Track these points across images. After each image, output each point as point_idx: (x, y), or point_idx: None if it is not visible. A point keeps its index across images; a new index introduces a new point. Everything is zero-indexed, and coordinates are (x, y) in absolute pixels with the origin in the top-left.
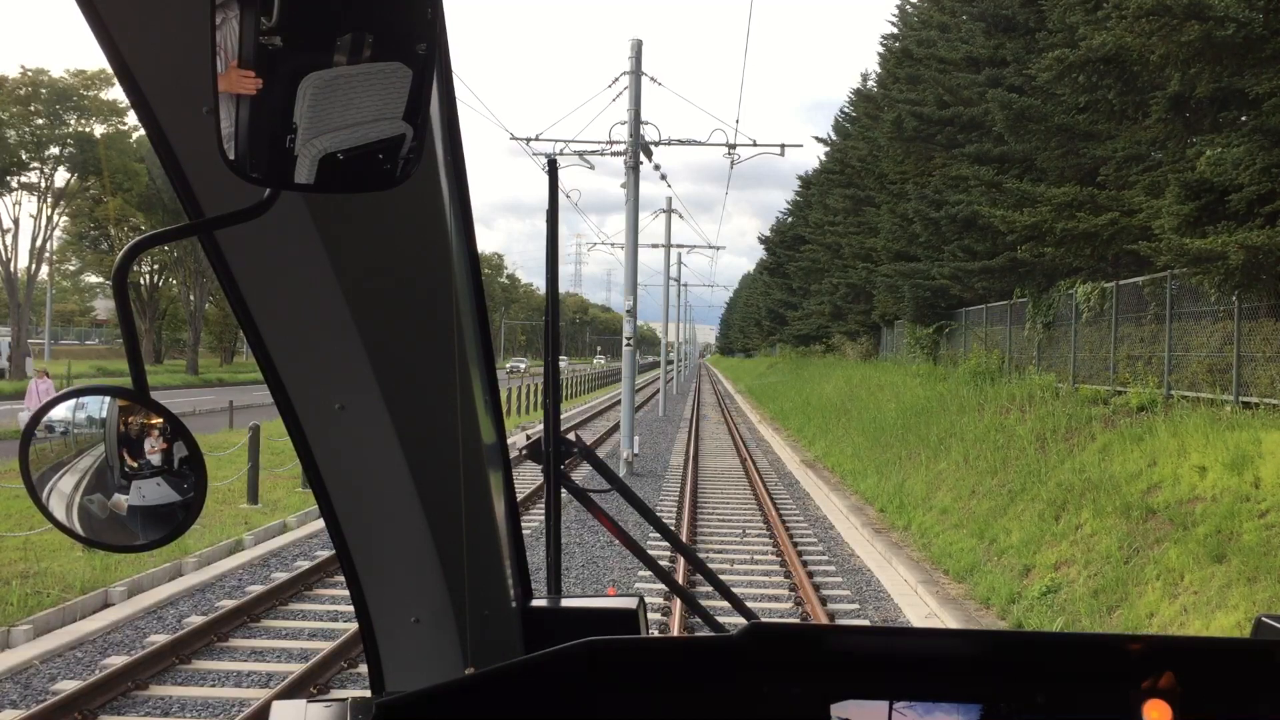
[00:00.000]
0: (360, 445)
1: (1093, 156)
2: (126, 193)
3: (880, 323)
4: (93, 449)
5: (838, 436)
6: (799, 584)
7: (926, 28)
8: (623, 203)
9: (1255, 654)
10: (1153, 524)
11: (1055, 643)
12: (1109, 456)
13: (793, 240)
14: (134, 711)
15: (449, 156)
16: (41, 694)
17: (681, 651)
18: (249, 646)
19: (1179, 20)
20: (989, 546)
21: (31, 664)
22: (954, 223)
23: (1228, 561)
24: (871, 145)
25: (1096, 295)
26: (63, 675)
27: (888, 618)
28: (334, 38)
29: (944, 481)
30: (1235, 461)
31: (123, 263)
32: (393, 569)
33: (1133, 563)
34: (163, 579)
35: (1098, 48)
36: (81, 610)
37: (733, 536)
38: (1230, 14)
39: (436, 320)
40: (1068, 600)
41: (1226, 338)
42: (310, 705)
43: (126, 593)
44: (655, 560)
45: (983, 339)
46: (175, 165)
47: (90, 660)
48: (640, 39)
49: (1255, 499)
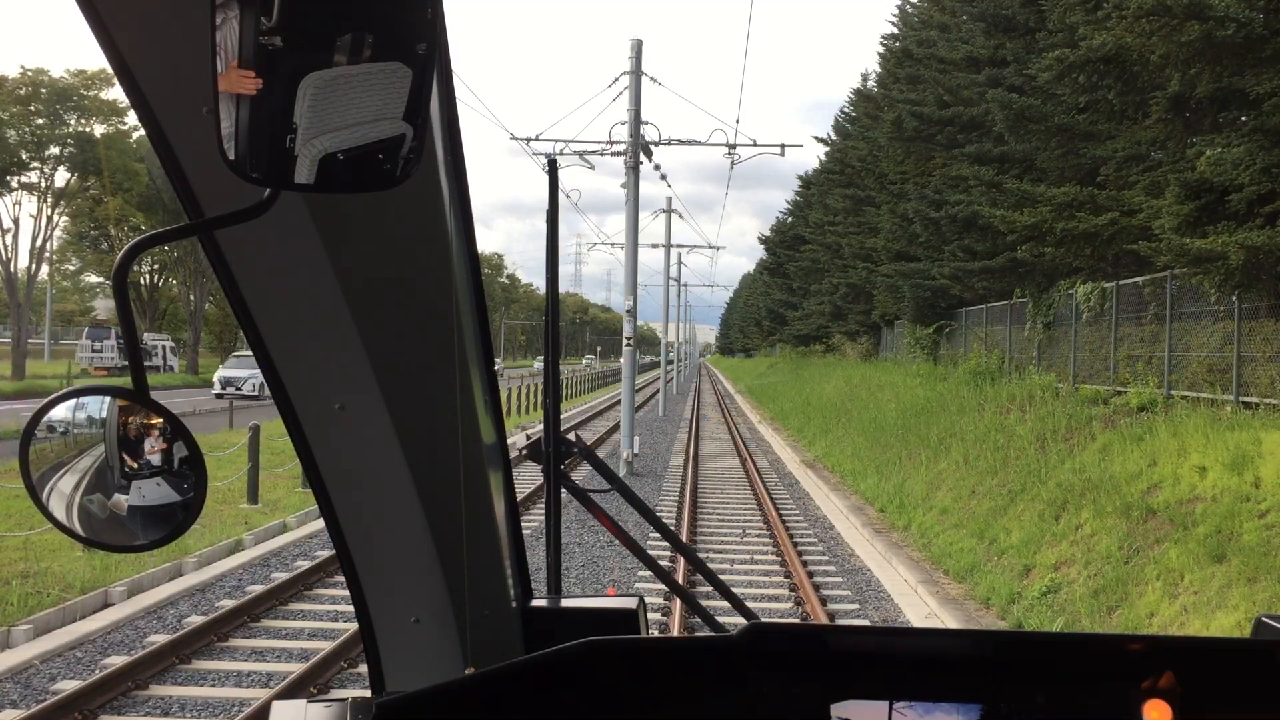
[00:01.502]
0: (360, 445)
1: (1093, 156)
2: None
3: (880, 323)
4: (93, 449)
5: (838, 437)
6: (799, 584)
7: (926, 28)
8: (622, 202)
9: (1255, 654)
10: (1153, 524)
11: (1055, 643)
12: (1109, 456)
13: (793, 240)
14: (134, 711)
15: (449, 156)
16: (42, 694)
17: (681, 651)
18: (249, 646)
19: (1179, 20)
20: (989, 546)
21: (32, 664)
22: (954, 223)
23: (1228, 561)
24: (871, 145)
25: (1096, 295)
26: (63, 675)
27: (888, 618)
28: (334, 38)
29: (944, 481)
30: (1235, 461)
31: (123, 263)
32: (393, 569)
33: (1133, 563)
34: (163, 579)
35: (1098, 48)
36: (82, 610)
37: (733, 536)
38: (1230, 14)
39: (436, 320)
40: (1068, 600)
41: (1227, 338)
42: (310, 705)
43: (126, 593)
44: (655, 560)
45: (983, 339)
46: (175, 165)
47: (90, 660)
48: (640, 39)
49: (1255, 499)
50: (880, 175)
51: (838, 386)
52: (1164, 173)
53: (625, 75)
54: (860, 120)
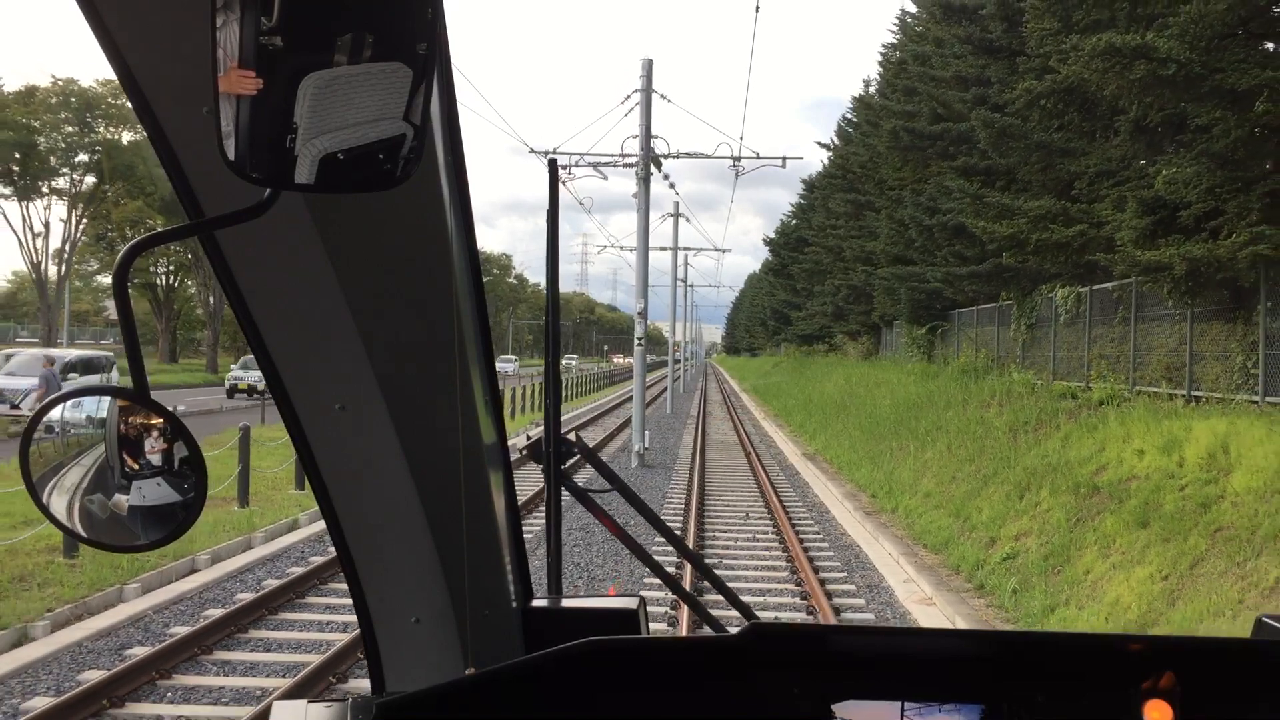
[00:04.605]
0: (360, 445)
1: (1069, 171)
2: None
3: (880, 323)
4: (93, 449)
5: (837, 431)
6: (795, 557)
7: (923, 41)
8: (628, 201)
9: (1255, 654)
10: (1096, 499)
11: (1056, 643)
12: (1068, 444)
13: (796, 242)
14: (240, 649)
15: (449, 156)
16: (160, 636)
17: (682, 651)
18: (321, 603)
19: (1128, 60)
20: (963, 523)
21: (145, 614)
22: (945, 230)
23: (1150, 527)
24: (871, 152)
25: (1073, 299)
26: (174, 622)
27: (871, 583)
28: (334, 38)
29: (929, 469)
30: (1167, 445)
31: (123, 263)
32: (393, 569)
33: (1076, 531)
34: (237, 550)
35: (1061, 80)
36: (176, 573)
37: (737, 519)
38: (1172, 55)
39: (437, 320)
40: (1022, 564)
41: (1182, 339)
42: (311, 705)
43: (210, 560)
44: (656, 561)
45: (973, 339)
46: (175, 165)
47: (192, 611)
48: (651, 59)
49: (1178, 476)
50: (880, 181)
51: (838, 384)
52: (1129, 189)
53: (637, 93)
54: (861, 126)
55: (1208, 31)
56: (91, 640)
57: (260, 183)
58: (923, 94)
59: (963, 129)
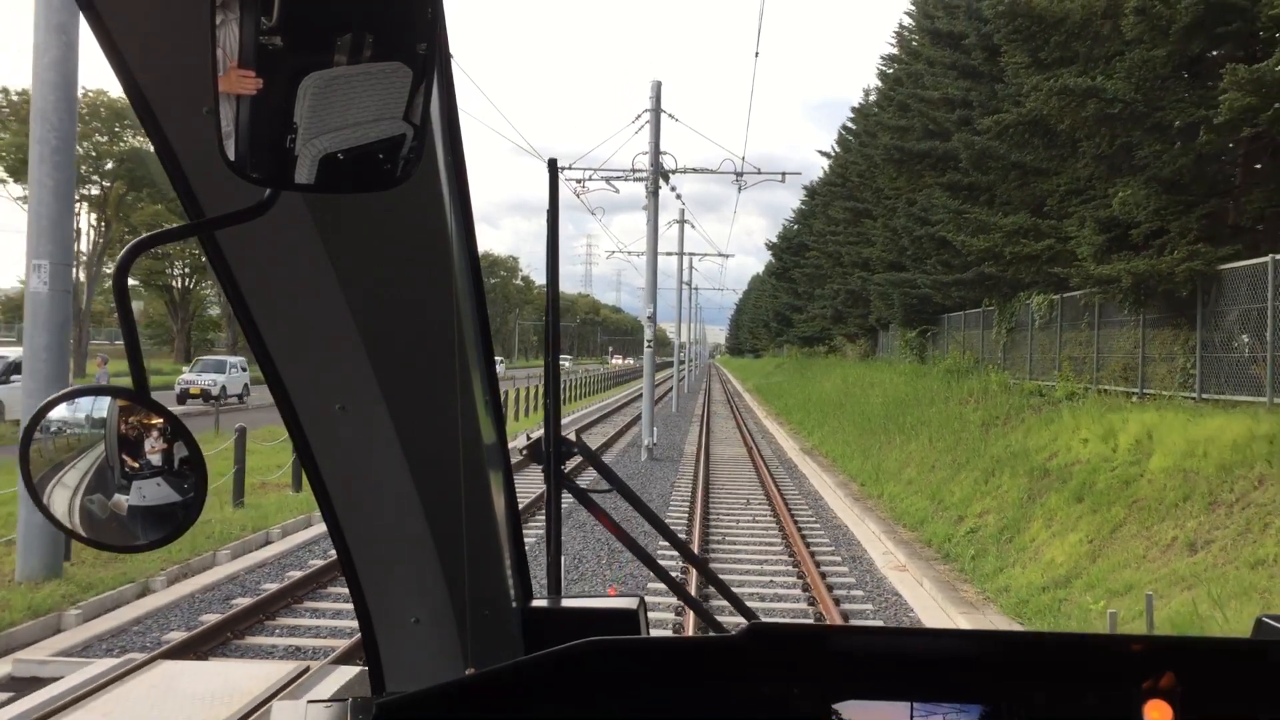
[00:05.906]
0: (360, 446)
1: (1041, 189)
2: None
3: (877, 326)
4: (93, 449)
5: (833, 428)
6: (789, 535)
7: (916, 59)
8: (632, 203)
9: (1256, 654)
10: (1046, 481)
11: (1055, 643)
12: (1029, 435)
13: (798, 247)
14: (324, 600)
15: (449, 156)
16: (255, 590)
17: (681, 651)
18: None
19: (1080, 99)
20: (937, 505)
21: (238, 574)
22: (933, 240)
23: (1084, 501)
24: (869, 161)
25: (1046, 306)
26: (264, 580)
27: (855, 555)
28: (334, 38)
29: (912, 460)
30: (1106, 434)
31: (123, 263)
32: (393, 569)
33: (1027, 507)
34: (300, 526)
35: (1025, 114)
36: (254, 544)
37: (739, 504)
38: (1118, 96)
39: (437, 320)
40: (982, 536)
41: (1137, 343)
42: (310, 705)
43: (281, 533)
44: (657, 561)
45: (960, 341)
46: (175, 165)
47: (276, 573)
48: (660, 80)
49: (1112, 460)
50: (877, 189)
51: (836, 384)
52: (1090, 209)
53: (647, 112)
54: (860, 136)
55: (1151, 74)
56: (201, 593)
57: (260, 183)
58: (915, 111)
59: (949, 147)
